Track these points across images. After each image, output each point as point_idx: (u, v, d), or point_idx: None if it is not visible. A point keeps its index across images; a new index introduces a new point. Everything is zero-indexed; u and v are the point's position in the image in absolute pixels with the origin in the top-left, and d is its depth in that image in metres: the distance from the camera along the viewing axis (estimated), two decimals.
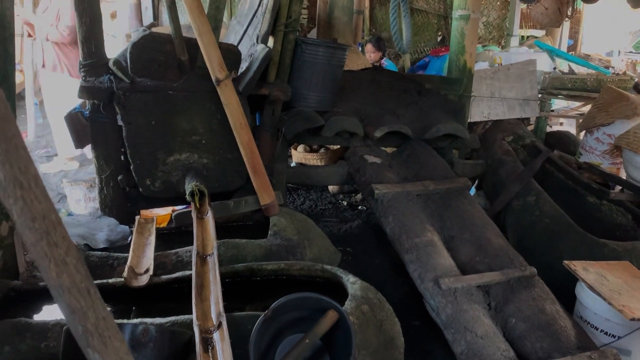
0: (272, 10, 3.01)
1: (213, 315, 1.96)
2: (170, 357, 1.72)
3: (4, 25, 2.17)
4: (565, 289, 2.67)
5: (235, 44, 3.47)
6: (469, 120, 4.08)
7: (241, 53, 3.16)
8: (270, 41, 3.16)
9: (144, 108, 2.92)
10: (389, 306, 2.26)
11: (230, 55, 3.03)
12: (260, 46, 3.08)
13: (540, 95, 4.66)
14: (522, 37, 8.71)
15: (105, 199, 3.19)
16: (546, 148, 4.02)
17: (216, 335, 1.84)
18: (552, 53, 5.74)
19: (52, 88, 4.95)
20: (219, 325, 1.87)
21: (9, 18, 2.19)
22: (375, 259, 3.53)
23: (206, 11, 2.87)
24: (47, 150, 5.91)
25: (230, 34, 4.27)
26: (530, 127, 4.85)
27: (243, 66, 3.21)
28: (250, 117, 3.09)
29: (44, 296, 2.28)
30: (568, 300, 2.63)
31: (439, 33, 7.63)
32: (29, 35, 5.04)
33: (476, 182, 4.28)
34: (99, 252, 2.70)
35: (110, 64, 2.91)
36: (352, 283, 2.25)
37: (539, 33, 8.62)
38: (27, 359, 1.95)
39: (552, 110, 5.63)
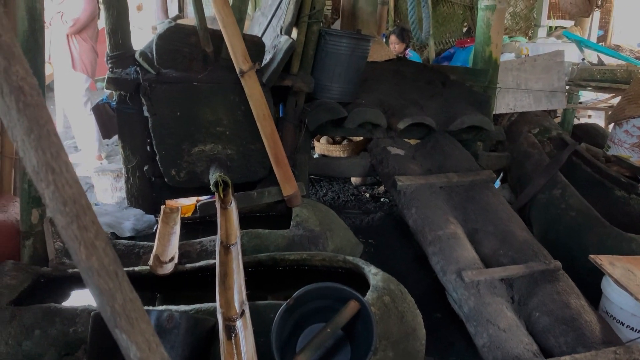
0: (295, 2, 3.01)
1: (236, 304, 1.99)
2: (194, 343, 1.76)
3: (34, 17, 2.23)
4: (590, 284, 2.63)
5: (259, 35, 3.48)
6: (494, 112, 4.03)
7: (265, 44, 3.17)
8: (294, 32, 3.16)
9: (169, 99, 2.96)
10: (410, 297, 2.26)
11: (254, 46, 3.05)
12: (284, 37, 3.09)
13: (567, 87, 4.57)
14: (550, 27, 8.54)
15: (132, 189, 3.25)
16: (573, 140, 3.95)
17: (239, 323, 1.87)
18: (581, 44, 5.61)
19: (62, 83, 4.96)
20: (242, 313, 1.90)
21: (39, 11, 2.24)
22: (398, 251, 3.53)
23: (230, 3, 2.89)
24: (74, 141, 6.02)
25: (255, 26, 4.28)
26: (557, 120, 4.76)
27: (267, 58, 3.22)
28: (273, 109, 3.11)
29: (72, 282, 2.34)
30: (593, 294, 2.59)
31: (465, 24, 7.53)
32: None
33: (501, 175, 4.23)
34: (126, 241, 2.76)
35: (137, 55, 2.95)
36: (373, 274, 2.25)
37: (568, 23, 8.45)
38: (56, 343, 2.01)
39: (580, 103, 5.51)
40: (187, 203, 3.52)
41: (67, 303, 2.25)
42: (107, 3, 2.89)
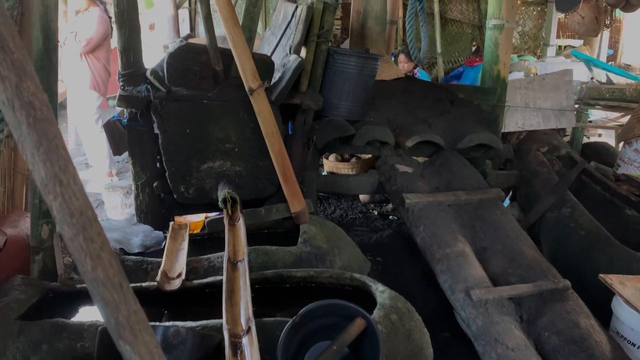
0: (304, 21, 3.06)
1: (242, 320, 1.99)
2: (200, 359, 1.75)
3: (48, 36, 2.28)
4: (601, 304, 2.60)
5: (269, 54, 3.53)
6: (502, 131, 4.03)
7: (274, 63, 3.21)
8: (303, 51, 3.20)
9: (179, 116, 3.00)
10: (418, 316, 2.24)
11: (264, 65, 3.09)
12: (293, 56, 3.13)
13: (577, 106, 4.57)
14: (560, 47, 8.57)
15: (141, 205, 3.27)
16: (582, 159, 3.93)
17: (245, 340, 1.87)
18: (590, 63, 5.62)
19: (74, 100, 5.03)
20: (248, 330, 1.90)
21: (53, 30, 2.30)
22: (406, 269, 3.51)
23: (240, 22, 2.94)
24: (85, 158, 6.09)
25: (265, 45, 4.33)
26: (566, 138, 4.75)
27: (276, 76, 3.26)
28: (282, 126, 3.13)
29: (80, 298, 2.35)
30: (604, 315, 2.56)
31: (474, 43, 7.58)
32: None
33: (510, 193, 4.22)
34: (134, 257, 2.77)
35: (148, 73, 3.00)
36: (381, 292, 2.24)
37: (577, 43, 8.47)
38: (63, 358, 2.01)
39: (590, 121, 5.50)
40: (196, 220, 3.54)
41: (75, 318, 2.26)
42: (119, 22, 2.94)
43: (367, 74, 3.38)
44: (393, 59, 5.98)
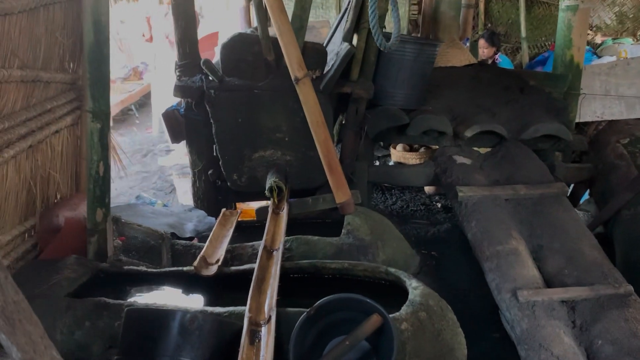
0: (355, 8, 2.99)
1: (266, 309, 2.00)
2: (217, 345, 1.78)
3: (99, 29, 2.40)
4: None
5: (325, 44, 3.50)
6: (578, 120, 3.73)
7: (327, 52, 3.17)
8: (355, 39, 3.14)
9: (231, 106, 3.06)
10: (452, 315, 2.14)
11: (316, 54, 3.07)
12: (344, 44, 3.08)
13: None
14: None
15: (198, 192, 3.39)
16: None
17: (264, 329, 1.88)
18: None
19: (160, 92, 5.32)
20: (269, 319, 1.90)
21: (104, 23, 2.41)
22: (462, 265, 3.37)
23: (292, 11, 2.93)
24: (167, 145, 6.40)
25: (337, 33, 4.30)
26: None
27: (330, 65, 3.23)
28: (332, 116, 3.10)
29: (126, 279, 2.48)
30: None
31: None
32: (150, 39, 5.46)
33: (588, 189, 3.90)
34: (184, 241, 2.88)
35: (202, 63, 3.08)
36: (413, 288, 2.16)
37: None
38: (102, 335, 2.14)
39: None
40: (257, 207, 3.61)
41: (119, 298, 2.38)
42: (176, 15, 3.04)
43: (423, 60, 3.25)
44: (468, 44, 5.72)
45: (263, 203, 3.60)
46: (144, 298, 2.41)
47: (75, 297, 2.26)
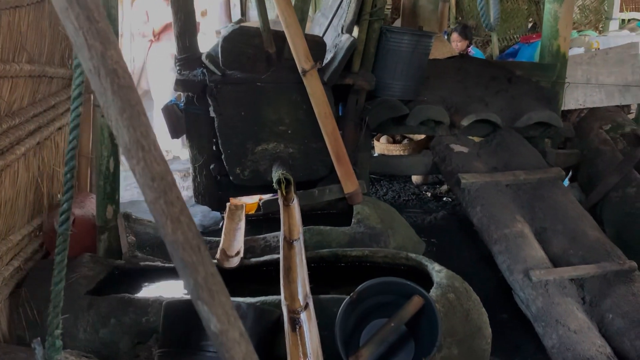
0: (357, 0, 3.02)
1: (300, 297, 2.02)
2: (260, 333, 1.80)
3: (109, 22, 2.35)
4: None
5: (321, 35, 3.51)
6: (562, 108, 3.88)
7: (326, 44, 3.20)
8: (355, 31, 3.17)
9: (234, 99, 3.04)
10: (475, 296, 2.22)
11: (316, 46, 3.08)
12: (345, 36, 3.11)
13: None
14: (623, 20, 8.12)
15: (199, 187, 3.35)
16: None
17: (303, 316, 1.90)
18: None
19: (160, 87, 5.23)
20: (306, 306, 1.93)
21: (114, 16, 2.37)
22: (462, 250, 3.46)
23: (292, 4, 2.94)
24: None
25: (315, 27, 4.32)
26: (631, 116, 4.53)
27: (328, 57, 3.25)
28: (334, 107, 3.13)
29: (143, 274, 2.45)
30: None
31: (530, 19, 7.29)
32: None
33: (570, 173, 4.07)
34: None
35: (203, 57, 3.05)
36: (437, 271, 2.23)
37: None
38: (130, 332, 2.11)
39: None
40: (250, 201, 3.61)
41: (138, 294, 2.35)
42: (175, 8, 3.00)
43: (420, 52, 3.32)
44: (446, 37, 5.85)
45: (258, 197, 3.62)
46: (166, 293, 2.38)
47: (95, 295, 2.22)
